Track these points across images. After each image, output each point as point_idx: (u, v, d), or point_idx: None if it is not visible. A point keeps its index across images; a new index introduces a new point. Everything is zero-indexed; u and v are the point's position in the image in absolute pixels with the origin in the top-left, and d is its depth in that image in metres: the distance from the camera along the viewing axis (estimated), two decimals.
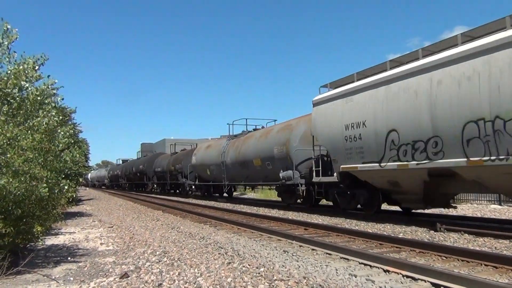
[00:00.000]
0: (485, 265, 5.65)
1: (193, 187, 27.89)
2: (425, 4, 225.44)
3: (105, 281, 5.35)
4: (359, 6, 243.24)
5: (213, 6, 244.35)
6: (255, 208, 16.85)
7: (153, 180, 38.34)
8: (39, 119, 6.32)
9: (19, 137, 5.75)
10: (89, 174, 77.20)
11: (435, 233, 8.70)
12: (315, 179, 13.95)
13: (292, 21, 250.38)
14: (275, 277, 5.20)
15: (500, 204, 16.93)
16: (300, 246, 7.64)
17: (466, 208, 16.31)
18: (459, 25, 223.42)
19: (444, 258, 6.21)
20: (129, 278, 5.44)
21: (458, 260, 6.01)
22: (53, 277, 5.69)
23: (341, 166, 12.25)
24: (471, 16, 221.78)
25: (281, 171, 16.06)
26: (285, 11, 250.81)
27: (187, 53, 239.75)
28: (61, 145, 6.79)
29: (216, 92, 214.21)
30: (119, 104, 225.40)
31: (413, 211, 12.82)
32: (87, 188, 71.02)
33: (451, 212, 14.64)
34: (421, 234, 8.72)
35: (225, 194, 25.96)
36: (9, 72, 6.27)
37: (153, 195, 32.76)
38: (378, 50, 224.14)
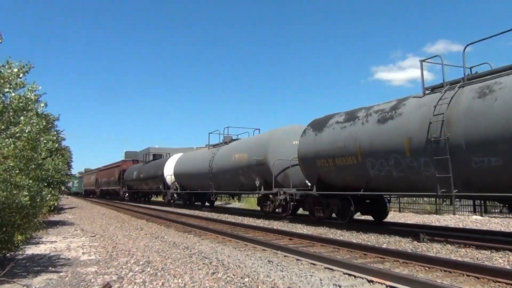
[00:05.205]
0: (467, 275, 5.70)
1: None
2: (407, 16, 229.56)
3: None
4: (342, 18, 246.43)
5: (200, 14, 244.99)
6: (239, 217, 16.80)
7: None
8: (21, 126, 6.21)
9: (0, 145, 5.66)
10: (135, 171, 35.06)
11: (418, 243, 8.77)
12: None
13: (278, 33, 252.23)
14: (259, 287, 5.18)
15: (481, 215, 17.16)
16: (285, 256, 7.63)
17: (449, 218, 16.52)
18: (442, 38, 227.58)
19: (427, 268, 6.26)
20: None
21: (441, 270, 6.06)
22: (33, 287, 5.58)
23: None
24: (454, 29, 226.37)
25: None
26: (270, 21, 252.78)
27: (174, 61, 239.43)
28: (43, 153, 6.68)
29: (203, 101, 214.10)
30: (103, 112, 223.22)
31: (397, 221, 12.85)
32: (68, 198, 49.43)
33: (434, 222, 14.81)
34: (404, 244, 8.78)
35: None
36: None
37: None
38: (362, 62, 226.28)
